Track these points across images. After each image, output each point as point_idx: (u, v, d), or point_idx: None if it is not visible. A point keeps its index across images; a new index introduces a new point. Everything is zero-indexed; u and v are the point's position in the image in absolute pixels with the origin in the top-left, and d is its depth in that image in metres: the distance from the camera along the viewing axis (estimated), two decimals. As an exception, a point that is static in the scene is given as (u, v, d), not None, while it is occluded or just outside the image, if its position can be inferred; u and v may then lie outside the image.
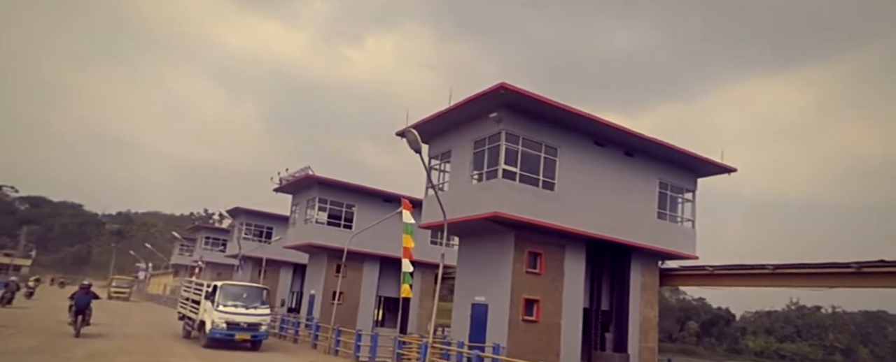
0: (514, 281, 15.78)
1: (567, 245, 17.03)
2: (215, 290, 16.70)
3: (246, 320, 16.53)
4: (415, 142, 11.51)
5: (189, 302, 19.38)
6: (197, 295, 18.35)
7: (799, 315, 69.93)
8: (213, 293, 16.74)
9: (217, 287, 16.82)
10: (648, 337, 18.32)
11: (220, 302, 16.39)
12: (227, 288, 17.08)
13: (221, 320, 16.17)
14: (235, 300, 16.80)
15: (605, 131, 16.80)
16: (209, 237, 50.61)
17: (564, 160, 16.46)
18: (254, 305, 17.00)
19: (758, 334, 68.23)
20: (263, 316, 17.04)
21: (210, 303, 16.59)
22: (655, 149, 17.88)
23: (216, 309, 16.27)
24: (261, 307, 17.17)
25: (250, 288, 17.93)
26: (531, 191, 15.78)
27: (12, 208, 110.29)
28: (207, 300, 16.86)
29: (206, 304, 16.92)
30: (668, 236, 18.38)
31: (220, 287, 16.82)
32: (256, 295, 17.52)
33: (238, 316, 16.45)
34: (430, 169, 18.85)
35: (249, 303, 16.95)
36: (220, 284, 17.06)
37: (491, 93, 14.82)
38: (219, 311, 16.23)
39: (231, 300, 16.69)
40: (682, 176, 19.17)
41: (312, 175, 26.99)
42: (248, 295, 17.27)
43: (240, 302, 16.82)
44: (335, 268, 28.08)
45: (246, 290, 17.55)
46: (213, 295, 16.65)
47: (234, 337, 16.38)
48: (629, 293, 18.07)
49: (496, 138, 15.62)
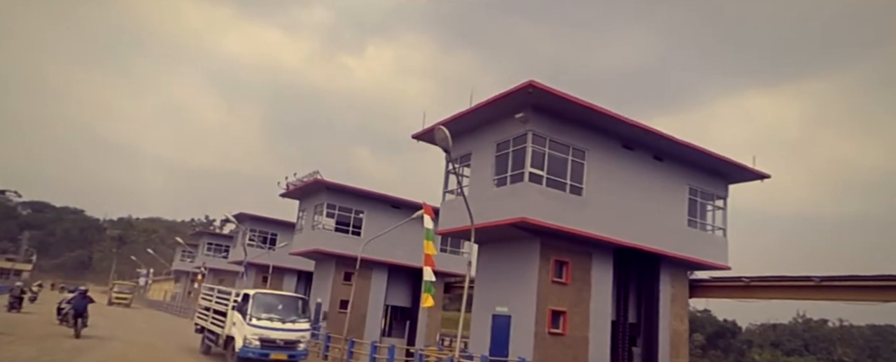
0: (540, 291, 14.87)
1: (594, 253, 16.12)
2: (247, 300, 14.18)
3: (283, 337, 14.00)
4: (445, 141, 10.67)
5: (210, 313, 16.80)
6: (221, 305, 15.89)
7: (806, 328, 68.71)
8: (243, 304, 14.23)
9: (249, 296, 14.22)
10: (679, 353, 17.34)
11: (252, 314, 13.79)
12: (261, 299, 14.48)
13: (254, 336, 13.64)
14: (270, 312, 14.18)
15: (635, 133, 15.95)
16: (211, 243, 49.76)
17: (592, 163, 15.61)
18: (291, 318, 14.39)
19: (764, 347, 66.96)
20: (302, 332, 14.49)
21: (240, 316, 14.07)
22: (686, 153, 17.01)
23: (248, 322, 13.72)
24: (299, 320, 14.55)
25: (287, 297, 15.60)
26: (558, 196, 14.92)
27: (14, 213, 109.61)
28: (237, 312, 14.40)
29: (234, 316, 14.50)
30: (698, 245, 17.46)
31: (252, 296, 14.20)
32: (294, 307, 14.98)
33: (273, 331, 13.89)
34: (449, 172, 18.01)
35: (286, 316, 14.33)
36: (253, 293, 14.44)
37: (518, 92, 14.00)
38: (251, 326, 13.69)
39: (265, 312, 14.09)
40: (713, 182, 18.27)
41: (321, 179, 26.16)
42: (284, 307, 14.69)
43: (275, 314, 14.17)
44: (343, 275, 27.23)
45: (282, 300, 15.05)
46: (244, 307, 14.10)
47: (269, 357, 13.79)
48: (658, 305, 17.12)
49: (522, 140, 14.79)
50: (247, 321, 13.78)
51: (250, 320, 13.75)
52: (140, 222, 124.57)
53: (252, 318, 13.77)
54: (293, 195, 28.93)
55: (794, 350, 65.05)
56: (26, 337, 16.88)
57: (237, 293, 15.20)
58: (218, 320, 15.85)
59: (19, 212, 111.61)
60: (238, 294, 15.04)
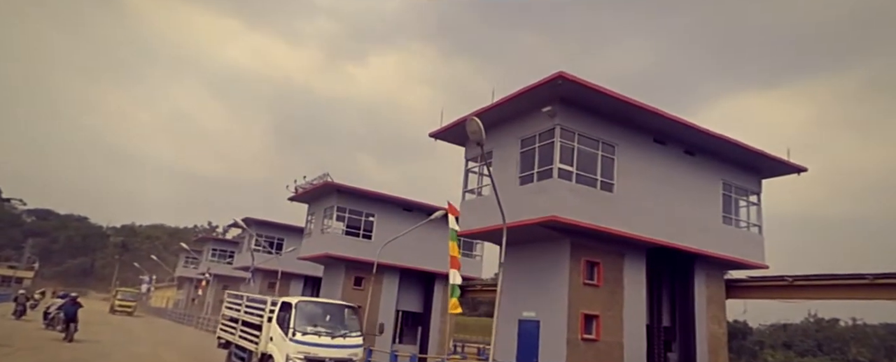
0: (572, 295, 13.96)
1: (626, 253, 15.22)
2: (288, 310, 11.81)
3: (333, 355, 11.57)
4: (477, 133, 9.80)
5: (238, 325, 14.23)
6: (253, 316, 13.43)
7: (818, 328, 67.65)
8: (284, 315, 11.90)
9: (291, 306, 11.81)
10: (718, 358, 16.40)
11: (296, 327, 11.36)
12: (306, 308, 11.99)
13: (299, 355, 11.21)
14: (317, 324, 11.72)
15: (667, 126, 15.06)
16: (216, 249, 48.90)
17: (622, 158, 14.73)
18: (341, 331, 11.91)
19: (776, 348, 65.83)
20: (355, 348, 11.98)
21: (280, 330, 11.72)
22: (719, 147, 16.12)
23: (291, 337, 11.27)
24: (351, 334, 12.02)
25: (335, 307, 12.79)
26: (589, 193, 14.03)
27: (19, 221, 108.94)
28: (276, 324, 11.99)
29: (272, 330, 12.09)
30: (734, 243, 16.55)
31: (295, 306, 11.75)
32: (344, 318, 12.46)
33: (322, 348, 11.43)
34: (468, 171, 17.15)
35: (335, 329, 11.88)
36: (296, 302, 11.92)
37: (546, 84, 13.15)
38: (295, 341, 11.23)
39: (311, 324, 11.61)
40: (746, 177, 17.36)
41: (331, 182, 25.30)
42: (333, 318, 12.25)
43: (323, 327, 11.73)
44: (353, 280, 26.36)
45: (330, 310, 12.50)
46: (285, 319, 11.76)
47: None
48: (694, 307, 16.18)
49: (549, 135, 13.91)
50: (289, 336, 11.33)
51: (293, 335, 11.28)
52: (143, 229, 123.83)
53: (295, 332, 11.28)
54: (302, 198, 28.08)
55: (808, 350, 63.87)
56: (25, 349, 16.06)
57: (274, 302, 12.78)
58: (249, 334, 13.28)
59: (24, 219, 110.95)
60: (275, 302, 12.66)
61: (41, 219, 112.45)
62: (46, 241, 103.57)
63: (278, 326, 11.84)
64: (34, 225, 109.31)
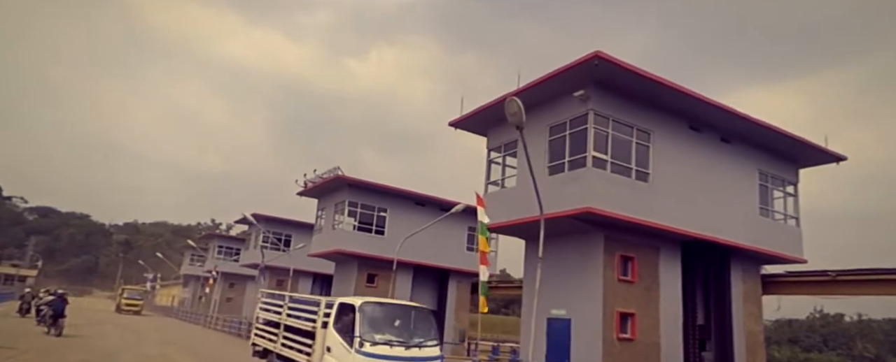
0: (606, 292, 13.15)
1: (661, 247, 14.40)
2: (349, 314, 9.54)
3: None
4: (517, 115, 9.00)
5: (281, 332, 11.71)
6: (301, 322, 10.86)
7: (823, 323, 67.01)
8: (345, 319, 9.59)
9: (355, 309, 9.45)
10: (756, 357, 15.59)
11: (362, 336, 9.03)
12: (371, 312, 9.54)
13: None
14: (387, 332, 9.42)
15: (703, 112, 14.20)
16: (222, 246, 48.17)
17: (658, 146, 13.88)
18: (415, 340, 9.54)
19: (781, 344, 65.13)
20: (434, 360, 9.80)
21: (340, 338, 9.47)
22: (756, 134, 15.25)
23: (357, 349, 8.96)
24: (427, 343, 9.64)
25: (404, 309, 10.38)
26: (624, 183, 13.20)
27: (21, 219, 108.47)
28: (333, 331, 9.72)
29: (329, 339, 9.79)
30: (771, 236, 15.71)
31: (359, 309, 9.38)
32: (416, 322, 10.00)
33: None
34: (491, 162, 16.33)
35: (409, 337, 9.55)
36: (359, 304, 9.52)
37: (580, 66, 12.29)
38: (362, 354, 8.95)
39: (379, 332, 9.26)
40: (783, 166, 16.51)
41: (343, 176, 24.49)
42: (403, 323, 9.93)
43: (393, 335, 9.40)
44: (366, 277, 25.59)
45: (398, 313, 10.11)
46: (346, 324, 9.46)
47: None
48: (731, 304, 15.36)
49: (582, 121, 13.07)
50: (354, 347, 9.00)
51: (361, 346, 8.95)
52: (146, 226, 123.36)
53: (362, 342, 8.97)
54: (311, 193, 27.28)
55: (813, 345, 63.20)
56: (31, 350, 15.32)
57: (328, 303, 10.37)
58: (296, 343, 10.78)
59: (25, 217, 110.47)
60: (331, 304, 10.27)
61: (43, 217, 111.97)
62: (49, 240, 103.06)
63: (338, 334, 9.49)
64: (36, 223, 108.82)
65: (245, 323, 30.84)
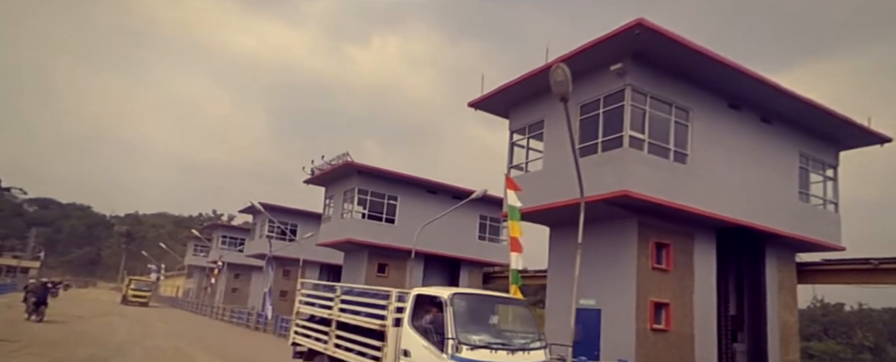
0: (640, 280, 12.39)
1: (696, 233, 13.62)
2: (435, 309, 7.45)
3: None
4: (563, 84, 8.16)
5: (332, 330, 9.60)
6: (362, 319, 8.79)
7: (824, 312, 66.66)
8: (426, 315, 7.58)
9: (444, 303, 7.24)
10: (789, 348, 14.87)
11: (458, 337, 6.90)
12: (466, 306, 7.42)
13: None
14: (484, 331, 7.39)
15: (745, 88, 13.32)
16: (226, 236, 47.48)
17: (696, 126, 13.06)
18: (519, 341, 7.52)
19: (782, 333, 64.74)
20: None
21: (424, 340, 7.32)
22: (798, 113, 14.39)
23: (452, 355, 6.82)
24: (533, 348, 7.50)
25: (505, 303, 8.50)
26: (662, 165, 12.40)
27: (21, 210, 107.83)
28: (411, 330, 7.64)
29: (406, 339, 7.70)
30: (809, 222, 14.91)
31: (450, 302, 7.19)
32: (520, 320, 8.14)
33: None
34: (523, 145, 15.51)
35: (509, 337, 7.58)
36: (449, 296, 7.31)
37: (619, 36, 11.43)
38: (459, 361, 6.83)
39: (477, 333, 7.17)
40: (823, 148, 15.69)
41: (352, 162, 23.68)
42: (500, 319, 8.13)
43: (493, 336, 7.36)
44: (376, 267, 24.89)
45: (493, 307, 8.20)
46: (432, 322, 7.39)
47: None
48: (765, 293, 14.60)
49: (618, 97, 12.23)
50: (448, 351, 6.81)
51: (457, 350, 6.74)
52: (147, 218, 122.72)
53: (459, 346, 6.77)
54: (319, 181, 26.50)
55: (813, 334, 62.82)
56: (34, 344, 14.63)
57: (400, 295, 8.25)
58: (356, 345, 8.70)
59: (25, 209, 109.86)
60: (403, 297, 8.19)
61: (43, 209, 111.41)
62: (50, 231, 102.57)
63: (419, 335, 7.43)
64: (36, 214, 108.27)
65: (253, 313, 30.26)
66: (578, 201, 12.55)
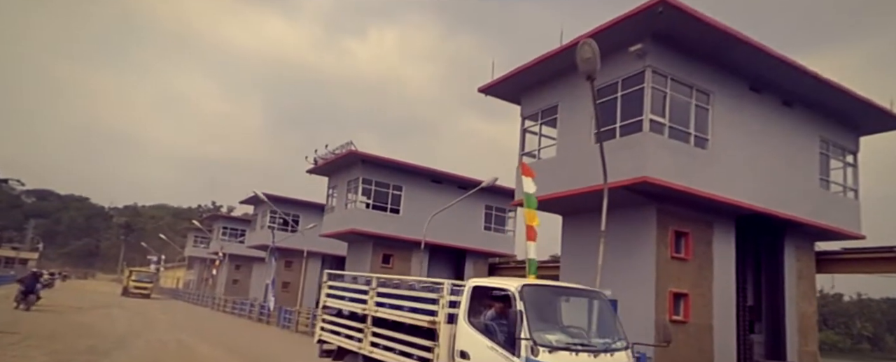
0: (659, 270, 11.97)
1: (715, 222, 13.19)
2: (501, 303, 6.22)
3: None
4: (591, 61, 7.65)
5: (368, 327, 8.31)
6: (406, 315, 7.52)
7: (823, 303, 66.71)
8: (491, 312, 6.35)
9: (514, 297, 5.89)
10: (808, 340, 14.51)
11: (534, 337, 5.56)
12: (540, 300, 6.27)
13: None
14: (563, 331, 6.19)
15: (768, 69, 12.79)
16: (226, 227, 47.05)
17: (717, 109, 12.58)
18: (602, 342, 6.12)
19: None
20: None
21: (488, 340, 6.05)
22: (820, 96, 13.88)
23: (528, 358, 5.50)
24: (617, 349, 6.08)
25: (583, 295, 6.98)
26: (682, 150, 11.94)
27: (19, 201, 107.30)
28: (469, 328, 6.37)
29: (465, 339, 6.38)
30: (829, 209, 14.48)
31: (522, 296, 5.86)
32: (601, 316, 6.76)
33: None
34: (525, 131, 15.03)
35: (590, 337, 6.28)
36: (519, 287, 5.96)
37: (640, 15, 10.92)
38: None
39: (552, 331, 5.98)
40: (844, 133, 15.23)
41: (356, 151, 23.20)
42: (578, 316, 6.84)
43: (571, 335, 6.10)
44: (381, 257, 24.49)
45: (576, 302, 6.98)
46: (500, 319, 6.14)
47: None
48: (784, 283, 14.20)
49: (637, 79, 11.74)
50: (523, 354, 5.57)
51: (532, 353, 5.51)
52: (146, 209, 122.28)
53: (536, 348, 5.52)
54: (322, 171, 26.03)
55: (812, 325, 62.98)
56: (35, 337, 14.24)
57: (454, 287, 7.02)
58: (399, 344, 7.44)
59: (24, 200, 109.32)
60: (457, 289, 6.95)
61: (41, 200, 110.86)
62: (49, 223, 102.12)
63: (480, 334, 6.16)
64: (34, 206, 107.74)
65: (255, 305, 29.91)
66: (595, 188, 12.15)
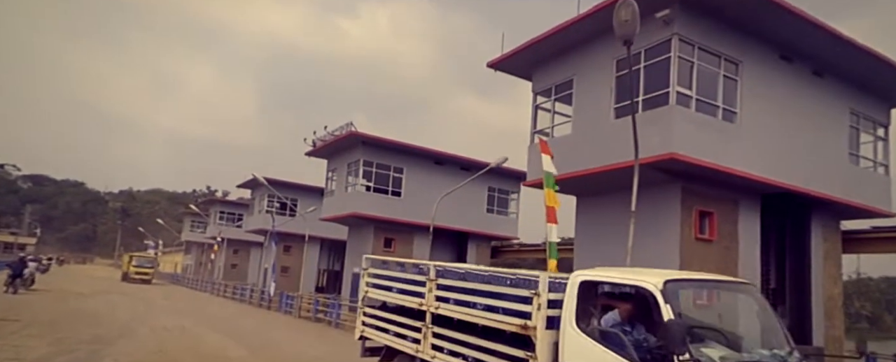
0: (684, 252, 11.27)
1: (740, 200, 12.46)
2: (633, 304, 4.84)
3: None
4: (629, 24, 6.83)
5: (427, 326, 6.66)
6: (483, 315, 5.85)
7: None
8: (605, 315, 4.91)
9: (653, 295, 4.34)
10: (834, 323, 13.93)
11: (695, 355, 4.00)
12: (688, 300, 5.48)
13: None
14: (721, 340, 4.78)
15: (800, 37, 11.90)
16: (223, 211, 46.33)
17: (746, 80, 11.74)
18: (771, 354, 4.53)
19: (777, 303, 65.01)
20: None
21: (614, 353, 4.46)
22: (852, 65, 13.00)
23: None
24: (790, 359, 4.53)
25: (732, 288, 5.72)
26: (710, 124, 11.15)
27: (15, 187, 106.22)
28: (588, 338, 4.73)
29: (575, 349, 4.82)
30: (858, 186, 13.76)
31: (667, 295, 4.28)
32: (756, 316, 5.17)
33: None
34: (537, 108, 14.20)
35: (752, 347, 4.80)
36: (662, 284, 4.37)
37: (669, -24, 9.99)
38: None
39: (711, 343, 4.66)
40: (875, 104, 14.42)
41: (357, 132, 22.36)
42: (729, 316, 5.56)
43: (734, 347, 4.74)
44: (383, 241, 23.84)
45: (733, 302, 5.75)
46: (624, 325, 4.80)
47: None
48: (810, 264, 13.54)
49: (662, 49, 10.88)
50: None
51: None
52: (142, 194, 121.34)
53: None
54: (321, 153, 25.21)
55: (809, 304, 63.12)
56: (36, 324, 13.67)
57: (554, 281, 5.42)
58: (474, 353, 5.87)
59: (19, 185, 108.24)
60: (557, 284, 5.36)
61: (37, 186, 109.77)
62: (45, 208, 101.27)
63: (605, 344, 4.60)
64: (31, 191, 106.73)
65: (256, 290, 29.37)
66: (614, 167, 11.42)
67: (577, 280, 5.11)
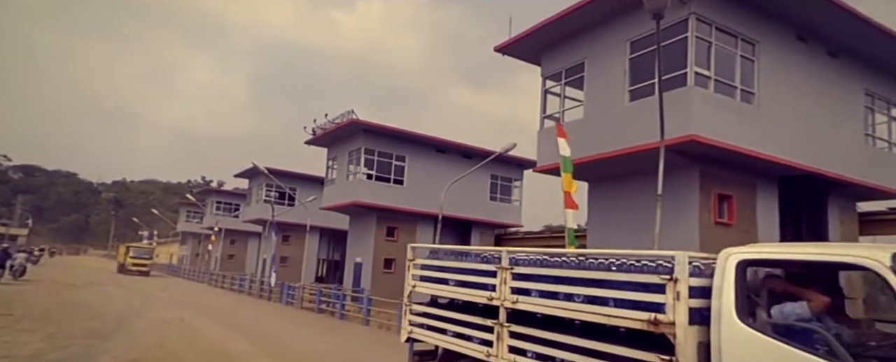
0: (703, 237, 11.03)
1: (758, 183, 12.23)
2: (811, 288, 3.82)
3: None
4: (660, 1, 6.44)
5: (502, 325, 5.40)
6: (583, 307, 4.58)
7: None
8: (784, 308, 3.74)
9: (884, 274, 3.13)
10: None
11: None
12: None
13: None
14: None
15: (817, 16, 11.59)
16: (220, 202, 45.74)
17: (763, 61, 11.43)
18: None
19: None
20: None
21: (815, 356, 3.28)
22: (868, 45, 12.73)
23: None
24: None
25: None
26: (728, 106, 10.85)
27: (6, 177, 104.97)
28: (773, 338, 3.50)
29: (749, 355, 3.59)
30: (874, 166, 13.55)
31: None
32: None
33: None
34: (546, 92, 13.84)
35: None
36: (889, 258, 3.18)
37: (689, -49, 9.61)
38: None
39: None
40: (889, 84, 14.17)
41: (357, 120, 21.93)
42: None
43: None
44: (385, 230, 23.53)
45: None
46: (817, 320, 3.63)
47: None
48: (826, 247, 13.36)
49: (679, 29, 10.53)
50: None
51: None
52: (135, 184, 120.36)
53: None
54: (321, 142, 24.76)
55: (807, 284, 63.93)
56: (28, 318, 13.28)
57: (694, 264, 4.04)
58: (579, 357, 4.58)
59: (10, 176, 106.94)
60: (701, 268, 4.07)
61: (28, 176, 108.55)
62: (36, 198, 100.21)
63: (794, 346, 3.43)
64: (21, 181, 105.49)
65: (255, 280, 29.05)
66: (629, 151, 11.14)
67: (733, 260, 3.85)
